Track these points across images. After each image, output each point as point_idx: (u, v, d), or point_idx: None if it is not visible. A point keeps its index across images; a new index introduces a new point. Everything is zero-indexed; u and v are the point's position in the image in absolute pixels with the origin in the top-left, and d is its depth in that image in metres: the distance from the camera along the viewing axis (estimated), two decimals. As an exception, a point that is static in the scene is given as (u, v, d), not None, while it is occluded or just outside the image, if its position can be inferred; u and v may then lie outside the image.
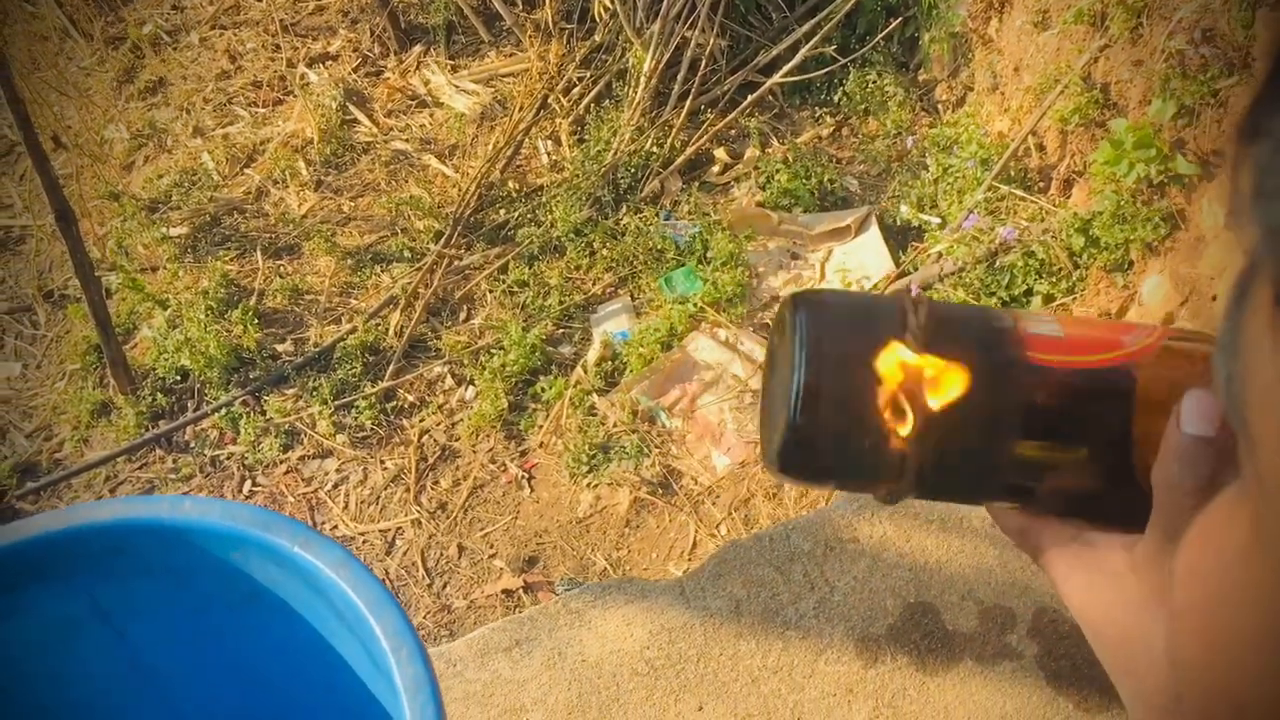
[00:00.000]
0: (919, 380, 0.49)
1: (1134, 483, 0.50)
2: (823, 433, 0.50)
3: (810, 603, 1.61)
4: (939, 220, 3.52)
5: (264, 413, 3.43)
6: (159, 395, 3.50)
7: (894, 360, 0.50)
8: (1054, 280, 3.12)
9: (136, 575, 0.89)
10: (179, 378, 3.56)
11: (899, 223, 3.64)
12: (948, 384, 0.49)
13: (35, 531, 0.82)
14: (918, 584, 1.61)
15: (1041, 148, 3.43)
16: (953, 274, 3.23)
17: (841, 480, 0.54)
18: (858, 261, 3.54)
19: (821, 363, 0.50)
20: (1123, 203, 2.91)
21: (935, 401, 0.49)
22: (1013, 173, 3.41)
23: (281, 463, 3.35)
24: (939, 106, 4.00)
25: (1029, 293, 3.12)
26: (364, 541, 3.16)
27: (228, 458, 3.38)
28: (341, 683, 0.84)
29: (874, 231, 3.62)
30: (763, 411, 0.57)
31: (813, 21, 3.99)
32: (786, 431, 0.51)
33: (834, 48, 3.94)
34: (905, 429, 0.49)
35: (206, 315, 3.63)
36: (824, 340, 0.50)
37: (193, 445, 3.42)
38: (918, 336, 0.50)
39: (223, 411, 3.44)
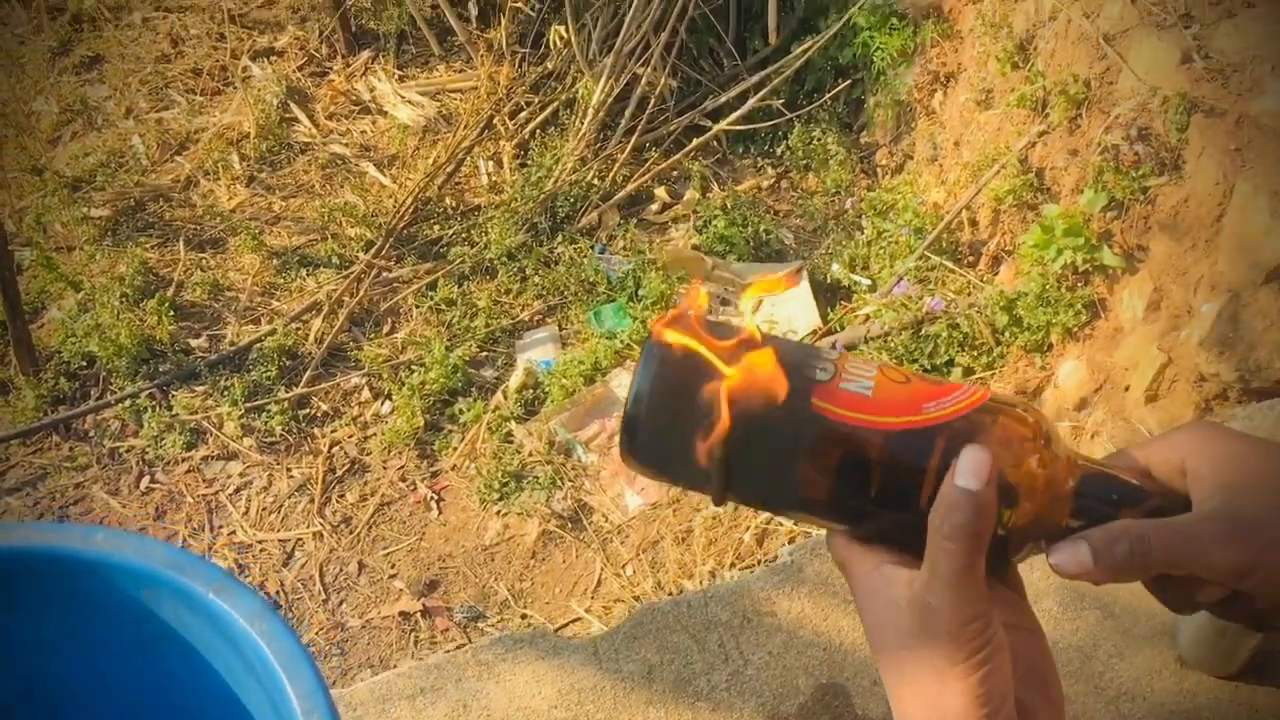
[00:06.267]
0: (722, 395, 0.56)
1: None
2: (647, 428, 0.58)
3: (723, 675, 1.59)
4: (869, 282, 3.57)
5: (170, 408, 3.34)
6: (62, 379, 3.39)
7: (712, 374, 0.57)
8: (975, 354, 3.18)
9: (38, 607, 0.85)
10: (85, 363, 3.46)
11: (830, 280, 3.68)
12: (740, 405, 0.56)
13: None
14: (831, 665, 1.60)
15: (974, 223, 3.51)
16: (878, 337, 3.27)
17: (666, 475, 0.62)
18: (786, 314, 3.57)
19: (652, 371, 0.58)
20: (1048, 286, 2.98)
21: (728, 416, 0.56)
22: (944, 244, 3.48)
23: (184, 461, 3.27)
24: (878, 170, 4.07)
25: (950, 363, 3.18)
26: (262, 550, 3.09)
27: (127, 450, 3.28)
28: (244, 734, 0.81)
29: (805, 287, 3.65)
30: None
31: (763, 73, 4.04)
32: (621, 422, 0.59)
33: (781, 101, 3.99)
34: (708, 436, 0.57)
35: (120, 302, 3.53)
36: (662, 354, 0.58)
37: (92, 434, 3.32)
38: (736, 358, 0.57)
39: (127, 402, 3.34)
